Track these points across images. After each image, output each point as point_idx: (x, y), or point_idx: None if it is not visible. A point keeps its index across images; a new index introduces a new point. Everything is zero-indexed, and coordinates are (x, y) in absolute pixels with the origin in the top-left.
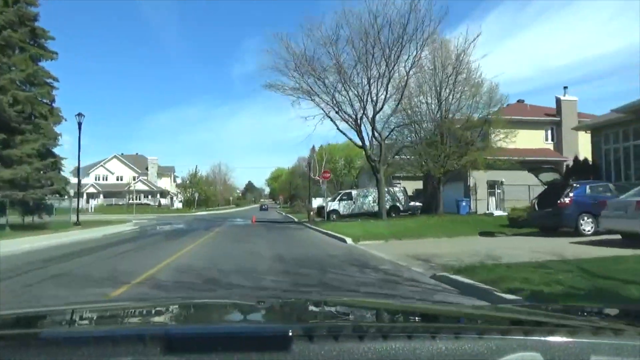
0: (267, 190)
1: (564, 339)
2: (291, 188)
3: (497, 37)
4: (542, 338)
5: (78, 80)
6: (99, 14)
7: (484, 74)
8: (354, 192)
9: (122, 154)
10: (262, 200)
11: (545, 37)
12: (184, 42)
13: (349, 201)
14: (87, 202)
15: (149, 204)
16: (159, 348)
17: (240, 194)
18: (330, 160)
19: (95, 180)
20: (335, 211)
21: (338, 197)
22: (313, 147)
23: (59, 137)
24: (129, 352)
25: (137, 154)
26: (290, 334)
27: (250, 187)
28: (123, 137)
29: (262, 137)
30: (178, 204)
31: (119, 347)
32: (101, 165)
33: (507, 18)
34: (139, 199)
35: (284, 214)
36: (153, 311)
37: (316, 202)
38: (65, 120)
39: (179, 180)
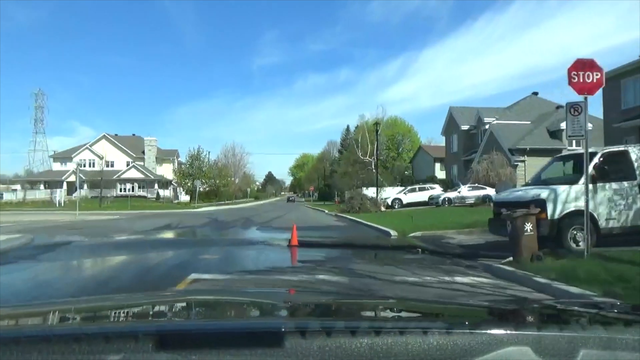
0: (288, 181)
1: (554, 333)
2: (323, 177)
3: None
4: (532, 332)
5: (98, 75)
6: (116, 8)
7: None
8: None
9: (116, 134)
10: (283, 192)
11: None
12: (202, 36)
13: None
14: (72, 192)
15: (145, 196)
16: (150, 345)
17: (259, 186)
18: (368, 141)
19: (80, 166)
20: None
21: (597, 162)
22: (347, 127)
23: None
24: (121, 348)
25: (133, 134)
26: (283, 330)
27: (270, 178)
28: (139, 131)
29: (283, 130)
30: (185, 197)
31: (111, 344)
32: (87, 148)
33: None
34: (133, 190)
35: (326, 211)
36: (145, 307)
37: (369, 192)
38: None
39: (185, 168)
